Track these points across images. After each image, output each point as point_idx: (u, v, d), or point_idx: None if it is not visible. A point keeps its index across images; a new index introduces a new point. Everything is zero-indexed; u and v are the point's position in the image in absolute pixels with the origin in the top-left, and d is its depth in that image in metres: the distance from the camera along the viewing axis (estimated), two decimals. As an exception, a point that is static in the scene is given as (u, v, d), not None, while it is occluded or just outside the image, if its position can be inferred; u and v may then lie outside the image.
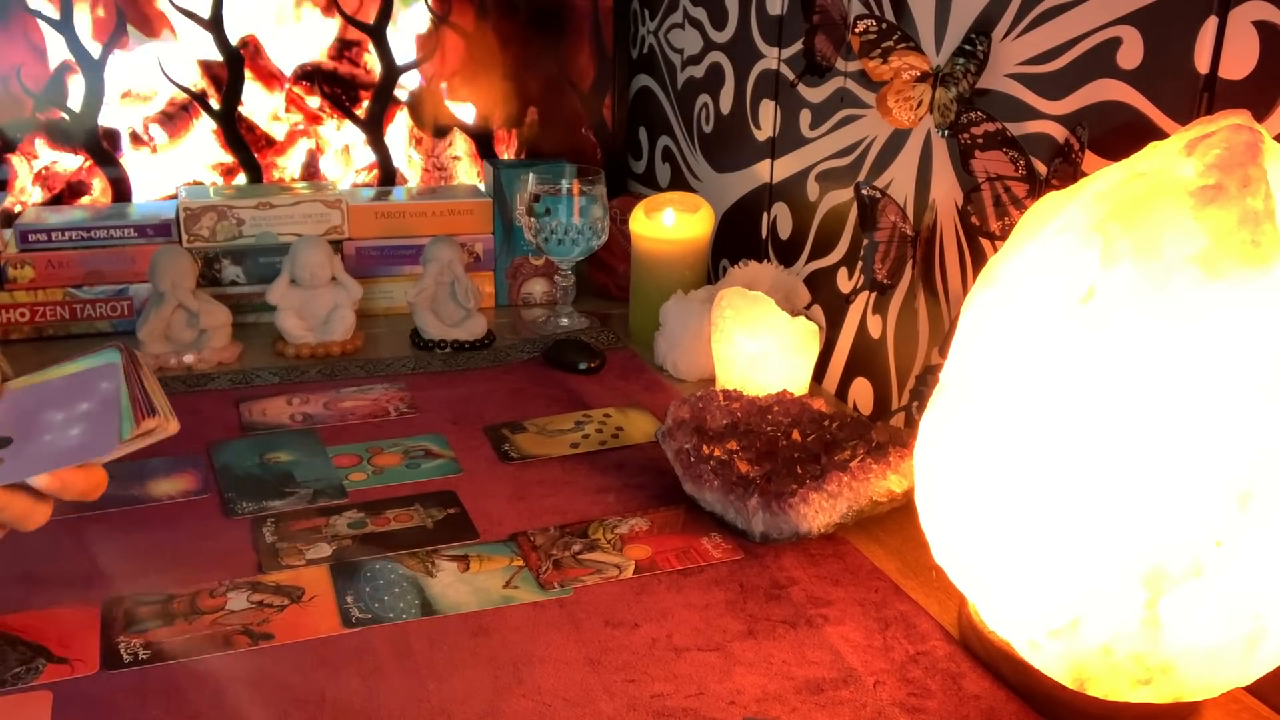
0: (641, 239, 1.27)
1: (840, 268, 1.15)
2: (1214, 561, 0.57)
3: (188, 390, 1.13)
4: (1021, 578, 0.63)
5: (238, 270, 1.33)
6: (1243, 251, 0.55)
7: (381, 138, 1.57)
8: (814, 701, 0.69)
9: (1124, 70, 0.76)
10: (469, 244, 1.39)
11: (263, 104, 1.52)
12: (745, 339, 1.05)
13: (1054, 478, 0.60)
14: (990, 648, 0.71)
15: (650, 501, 0.93)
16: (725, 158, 1.37)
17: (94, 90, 1.42)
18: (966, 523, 0.66)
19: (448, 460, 0.99)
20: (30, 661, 0.70)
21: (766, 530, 0.85)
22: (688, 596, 0.79)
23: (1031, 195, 0.84)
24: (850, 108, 1.09)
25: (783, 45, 1.21)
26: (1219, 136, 0.57)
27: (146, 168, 1.47)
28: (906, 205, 1.01)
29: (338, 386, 1.15)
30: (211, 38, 1.45)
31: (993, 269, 0.67)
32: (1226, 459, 0.56)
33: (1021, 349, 0.62)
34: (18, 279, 1.26)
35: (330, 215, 1.35)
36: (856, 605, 0.79)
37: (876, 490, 0.87)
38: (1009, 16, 0.86)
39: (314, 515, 0.89)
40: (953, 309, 0.96)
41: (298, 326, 1.24)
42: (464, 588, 0.80)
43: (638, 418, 1.09)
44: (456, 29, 1.56)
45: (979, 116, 0.87)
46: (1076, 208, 0.62)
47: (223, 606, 0.77)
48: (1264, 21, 0.66)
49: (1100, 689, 0.63)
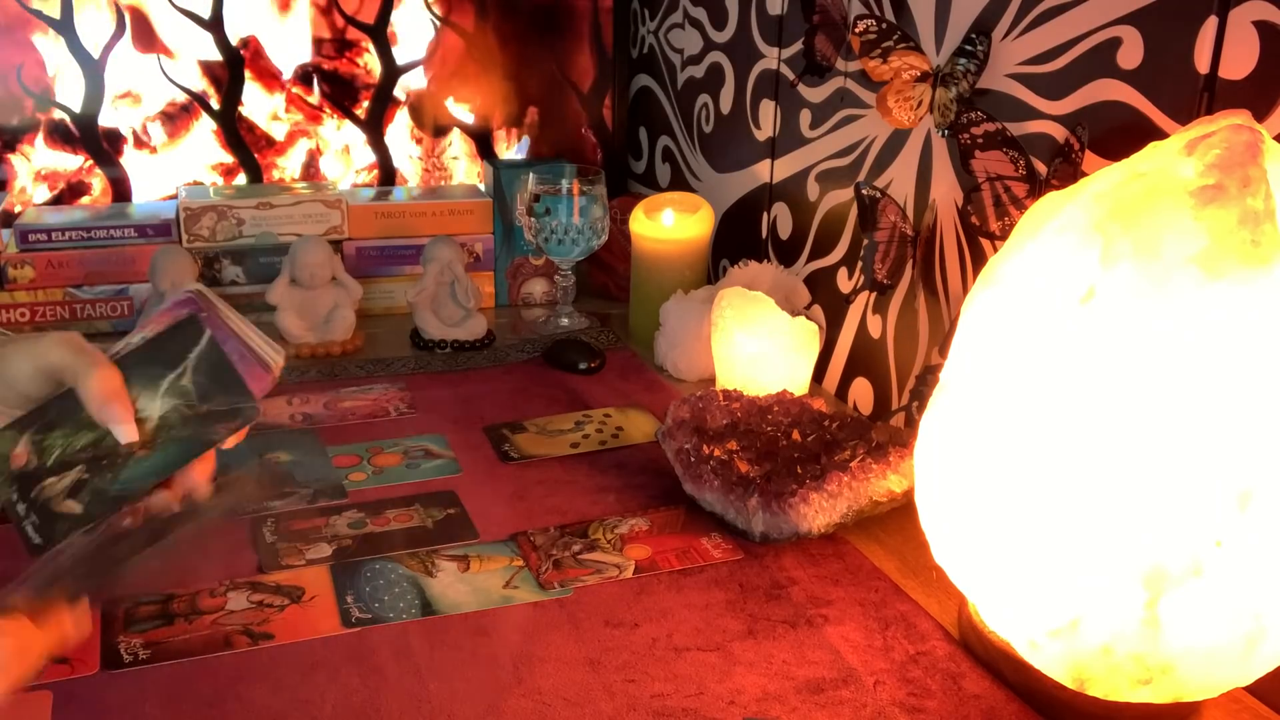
0: (641, 239, 1.27)
1: (840, 268, 1.15)
2: (1214, 561, 0.57)
3: (188, 390, 1.13)
4: (1021, 578, 0.63)
5: (238, 270, 1.33)
6: (1243, 251, 0.55)
7: (381, 138, 1.57)
8: (814, 701, 0.68)
9: (1124, 70, 0.76)
10: (469, 244, 1.39)
11: (263, 104, 1.52)
12: (745, 339, 1.05)
13: (1054, 478, 0.60)
14: (990, 648, 0.71)
15: (650, 501, 0.93)
16: (725, 158, 1.37)
17: (94, 90, 1.42)
18: (966, 523, 0.66)
19: (448, 460, 0.99)
20: (30, 661, 0.70)
21: (766, 530, 0.85)
22: (688, 596, 0.79)
23: (1031, 195, 0.84)
24: (850, 108, 1.09)
25: (783, 45, 1.21)
26: (1219, 136, 0.57)
27: (146, 168, 1.47)
28: (906, 205, 1.01)
29: (338, 386, 1.15)
30: (211, 38, 1.45)
31: (993, 269, 0.67)
32: (1226, 459, 0.56)
33: (1021, 349, 0.62)
34: (18, 279, 1.26)
35: (330, 215, 1.35)
36: (856, 605, 0.79)
37: (876, 490, 0.87)
38: (1009, 16, 0.86)
39: (314, 515, 0.89)
40: (953, 309, 0.96)
41: (298, 326, 1.24)
42: (464, 588, 0.80)
43: (638, 418, 1.09)
44: (456, 29, 1.56)
45: (979, 116, 0.87)
46: (1076, 208, 0.62)
47: (223, 606, 0.77)
48: (1264, 21, 0.66)
49: (1100, 689, 0.63)
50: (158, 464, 0.61)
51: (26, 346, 0.62)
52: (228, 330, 0.64)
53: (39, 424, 0.61)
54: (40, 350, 0.61)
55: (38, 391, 0.62)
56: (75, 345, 0.61)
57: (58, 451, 0.60)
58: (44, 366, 0.61)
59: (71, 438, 0.61)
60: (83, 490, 0.60)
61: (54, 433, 0.61)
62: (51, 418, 0.61)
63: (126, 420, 0.60)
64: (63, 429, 0.61)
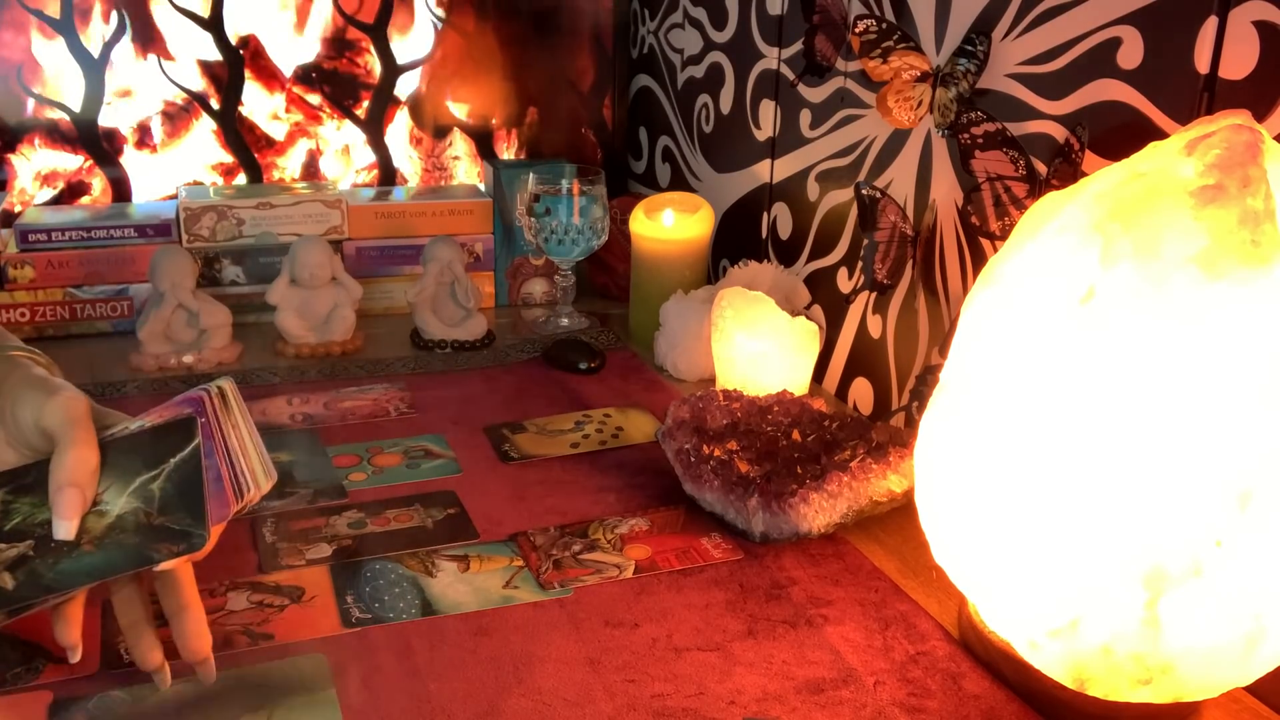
0: (641, 239, 1.27)
1: (840, 268, 1.15)
2: (1214, 561, 0.57)
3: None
4: (1021, 578, 0.63)
5: (238, 270, 1.33)
6: (1243, 251, 0.55)
7: (381, 138, 1.57)
8: (814, 701, 0.69)
9: (1124, 70, 0.76)
10: (469, 244, 1.39)
11: (263, 104, 1.52)
12: (745, 339, 1.05)
13: (1054, 478, 0.60)
14: (990, 648, 0.71)
15: (650, 501, 0.93)
16: (725, 158, 1.37)
17: (94, 90, 1.42)
18: (966, 523, 0.66)
19: (448, 460, 0.99)
20: (30, 661, 0.70)
21: (766, 530, 0.85)
22: (688, 596, 0.79)
23: (1031, 195, 0.84)
24: (850, 108, 1.09)
25: (783, 45, 1.21)
26: (1219, 136, 0.57)
27: (146, 168, 1.48)
28: (906, 205, 1.01)
29: (338, 386, 1.15)
30: (211, 38, 1.45)
31: (993, 269, 0.67)
32: (1226, 459, 0.56)
33: (1021, 349, 0.62)
34: (18, 279, 1.26)
35: (330, 215, 1.35)
36: (856, 605, 0.79)
37: (876, 490, 0.87)
38: (1009, 16, 0.86)
39: (314, 515, 0.89)
40: (953, 309, 0.96)
41: (298, 326, 1.24)
42: (464, 588, 0.80)
43: (638, 418, 1.09)
44: (456, 29, 1.56)
45: (979, 116, 0.87)
46: (1076, 208, 0.62)
47: (223, 606, 0.77)
48: (1264, 21, 0.66)
49: (1100, 689, 0.63)
50: (97, 564, 0.59)
51: (35, 397, 0.61)
52: (220, 446, 0.63)
53: (15, 484, 0.60)
54: (43, 406, 0.61)
55: (36, 443, 0.61)
56: (74, 414, 0.61)
57: (18, 519, 0.60)
58: (40, 423, 0.61)
59: (37, 509, 0.60)
60: (21, 568, 0.59)
61: (25, 498, 0.60)
62: (29, 481, 0.60)
63: (70, 516, 0.59)
64: (33, 497, 0.60)
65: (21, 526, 0.60)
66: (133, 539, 0.60)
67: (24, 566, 0.59)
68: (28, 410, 0.61)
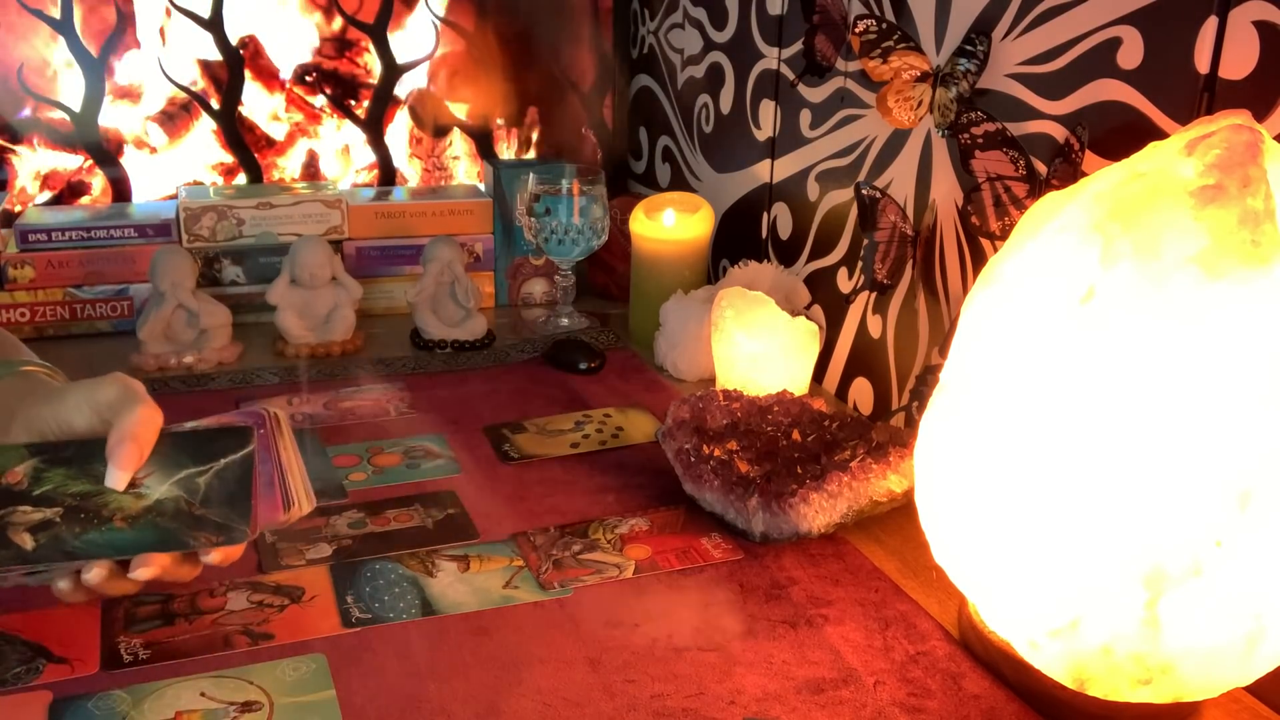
0: (641, 239, 1.27)
1: (840, 268, 1.15)
2: (1214, 561, 0.57)
3: (188, 391, 1.13)
4: (1021, 578, 0.63)
5: (238, 270, 1.33)
6: (1243, 251, 0.55)
7: (381, 138, 1.57)
8: (814, 701, 0.69)
9: (1124, 70, 0.76)
10: (469, 244, 1.39)
11: (263, 104, 1.52)
12: (745, 339, 1.05)
13: (1054, 478, 0.60)
14: (990, 648, 0.71)
15: (650, 501, 0.93)
16: (725, 158, 1.37)
17: (94, 90, 1.42)
18: (966, 523, 0.66)
19: (447, 460, 0.99)
20: (30, 661, 0.70)
21: (766, 530, 0.85)
22: (688, 596, 0.79)
23: (1031, 195, 0.84)
24: (850, 108, 1.09)
25: (783, 45, 1.21)
26: (1219, 136, 0.57)
27: (146, 168, 1.48)
28: (906, 205, 1.01)
29: (338, 386, 1.15)
30: (211, 38, 1.45)
31: (993, 269, 0.67)
32: (1226, 459, 0.56)
33: (1021, 349, 0.62)
34: (18, 279, 1.26)
35: (330, 215, 1.35)
36: (856, 605, 0.79)
37: (876, 490, 0.87)
38: (1009, 16, 0.86)
39: (314, 515, 0.89)
40: (953, 309, 0.96)
41: (298, 326, 1.24)
42: (464, 588, 0.80)
43: (638, 418, 1.09)
44: (456, 29, 1.56)
45: (979, 116, 0.87)
46: (1076, 208, 0.62)
47: (223, 606, 0.77)
48: (1264, 21, 0.66)
49: (1100, 689, 0.63)
50: (127, 541, 0.60)
51: (85, 388, 0.62)
52: (275, 457, 0.64)
53: (51, 455, 0.61)
54: (96, 389, 0.62)
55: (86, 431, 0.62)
56: (136, 386, 0.62)
57: (49, 486, 0.60)
58: (97, 404, 0.61)
59: (69, 480, 0.60)
60: (45, 532, 0.59)
61: (58, 469, 0.61)
62: (67, 455, 0.61)
63: (127, 468, 0.60)
64: (67, 469, 0.61)
65: (51, 494, 0.60)
66: (169, 523, 0.61)
67: (48, 531, 0.59)
68: (80, 401, 0.61)
